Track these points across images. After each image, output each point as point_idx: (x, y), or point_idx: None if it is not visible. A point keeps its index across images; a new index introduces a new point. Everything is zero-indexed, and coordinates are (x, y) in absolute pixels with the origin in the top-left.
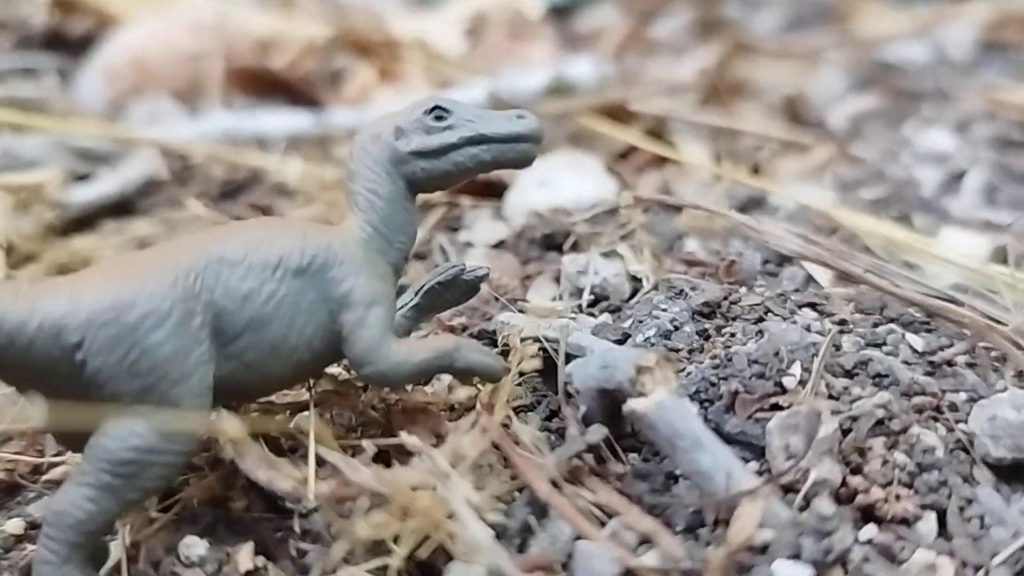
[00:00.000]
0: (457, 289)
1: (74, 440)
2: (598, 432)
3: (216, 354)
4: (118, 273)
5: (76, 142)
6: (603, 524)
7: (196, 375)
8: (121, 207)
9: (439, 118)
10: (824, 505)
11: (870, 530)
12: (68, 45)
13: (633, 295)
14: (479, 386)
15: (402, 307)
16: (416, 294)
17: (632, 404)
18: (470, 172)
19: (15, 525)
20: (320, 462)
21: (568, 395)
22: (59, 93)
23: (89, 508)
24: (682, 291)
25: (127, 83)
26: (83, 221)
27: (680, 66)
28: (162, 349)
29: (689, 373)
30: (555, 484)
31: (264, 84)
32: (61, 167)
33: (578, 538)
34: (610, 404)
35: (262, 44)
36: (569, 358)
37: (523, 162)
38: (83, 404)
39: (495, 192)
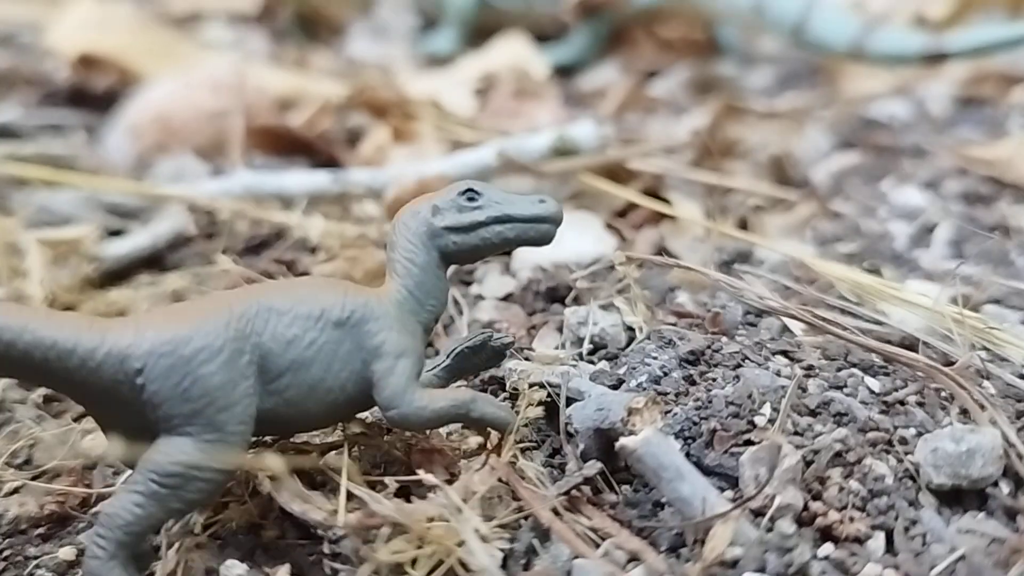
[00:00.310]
0: (485, 354)
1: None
2: (593, 467)
3: (260, 389)
4: (178, 314)
5: (107, 198)
6: (598, 545)
7: (240, 405)
8: (153, 261)
9: (471, 199)
10: (786, 526)
11: (827, 548)
12: (92, 101)
13: (628, 344)
14: (489, 433)
15: (434, 368)
16: (447, 356)
17: (623, 441)
18: (496, 247)
19: (67, 552)
20: (349, 495)
21: (568, 434)
22: (87, 149)
23: (137, 512)
24: (671, 340)
25: (152, 140)
26: (118, 274)
27: (676, 125)
28: (212, 379)
29: (675, 414)
30: (556, 512)
31: (283, 142)
32: (95, 222)
33: (575, 557)
34: (605, 442)
35: (280, 103)
36: (569, 401)
37: (543, 240)
38: (138, 424)
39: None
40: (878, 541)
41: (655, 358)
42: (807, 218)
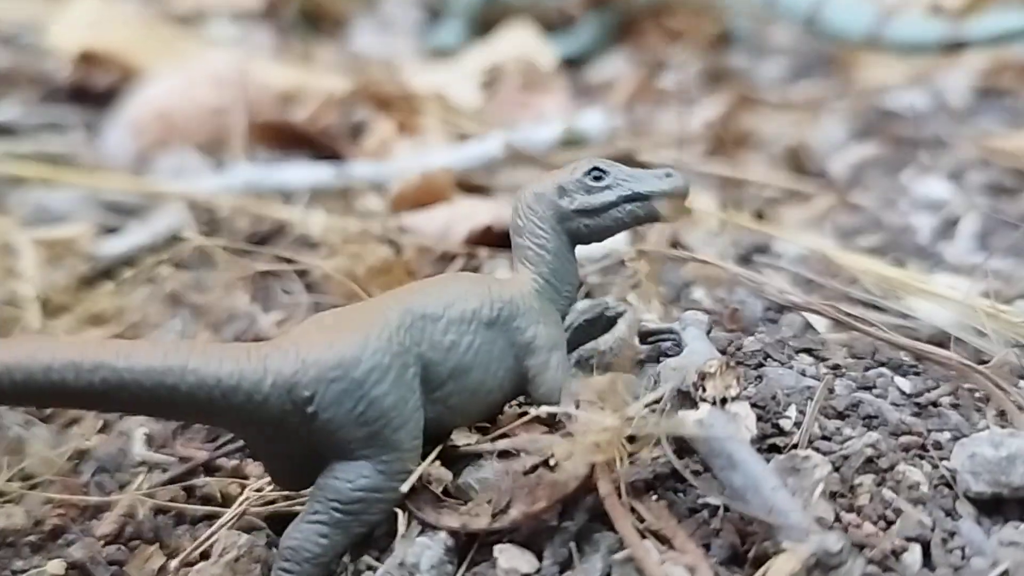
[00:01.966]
0: (600, 324)
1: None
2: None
3: (425, 400)
4: (336, 331)
5: (105, 195)
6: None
7: (413, 420)
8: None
9: (597, 178)
10: (832, 542)
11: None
12: (92, 98)
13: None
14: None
15: None
16: (565, 330)
17: (679, 417)
18: (626, 226)
19: (56, 566)
20: None
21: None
22: (86, 147)
23: (323, 543)
24: None
25: (152, 136)
26: (113, 273)
27: (688, 117)
28: (386, 400)
29: None
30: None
31: (286, 137)
32: (91, 220)
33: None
34: (687, 405)
35: (283, 97)
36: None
37: (673, 216)
38: (303, 452)
39: (508, 242)
40: (914, 555)
41: (671, 356)
42: (826, 210)
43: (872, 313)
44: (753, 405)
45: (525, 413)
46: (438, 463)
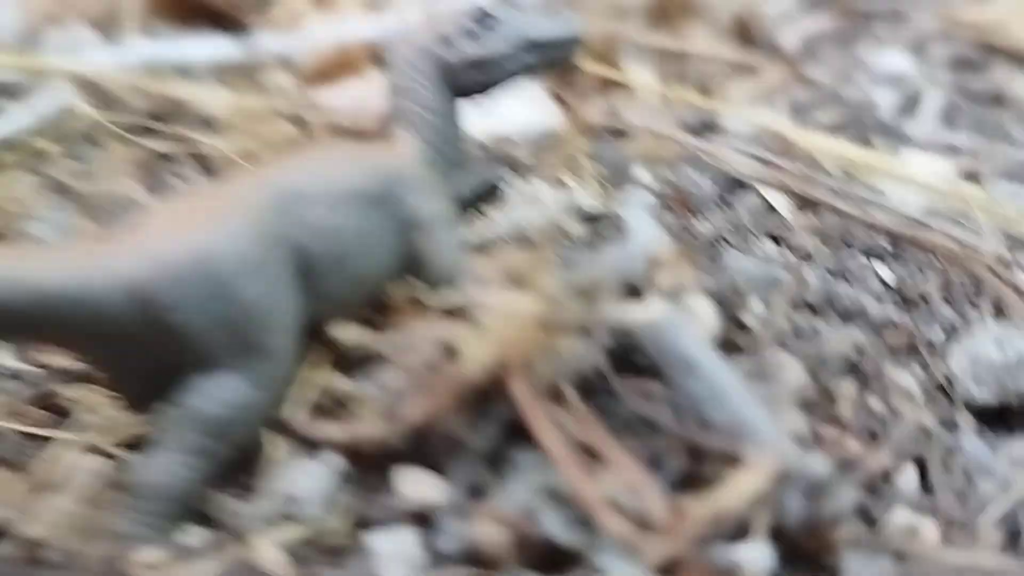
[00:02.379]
0: (486, 195)
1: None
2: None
3: (300, 294)
4: (191, 222)
5: None
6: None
7: (286, 320)
8: None
9: (485, 24)
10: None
11: None
12: None
13: None
14: None
15: None
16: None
17: (626, 315)
18: (517, 76)
19: None
20: None
21: None
22: None
23: (186, 474)
24: None
25: (41, 10)
26: None
27: None
28: (254, 298)
29: None
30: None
31: (187, 9)
32: None
33: None
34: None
35: None
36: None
37: (565, 63)
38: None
39: None
40: (909, 476)
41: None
42: (777, 85)
43: (837, 198)
44: (711, 298)
45: (417, 300)
46: (328, 368)
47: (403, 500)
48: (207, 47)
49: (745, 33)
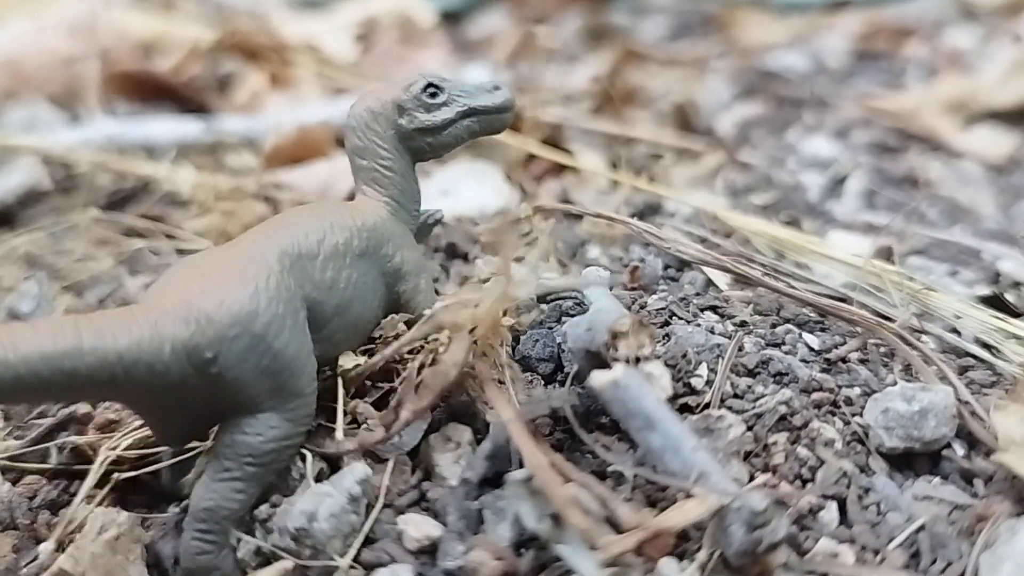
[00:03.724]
0: (421, 233)
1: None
2: (561, 398)
3: (315, 340)
4: (220, 285)
5: None
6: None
7: (310, 363)
8: (0, 218)
9: (434, 95)
10: (757, 501)
11: None
12: None
13: (543, 300)
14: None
15: None
16: None
17: (591, 380)
18: (463, 142)
19: None
20: None
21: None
22: None
23: (240, 498)
24: None
25: (0, 87)
26: None
27: (572, 74)
28: (288, 349)
29: None
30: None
31: (148, 89)
32: None
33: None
34: (597, 365)
35: (143, 47)
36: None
37: (502, 129)
38: (199, 411)
39: None
40: (831, 512)
41: (573, 315)
42: (715, 168)
43: (769, 273)
44: (665, 364)
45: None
46: (360, 402)
47: (410, 538)
48: (170, 127)
49: (684, 120)
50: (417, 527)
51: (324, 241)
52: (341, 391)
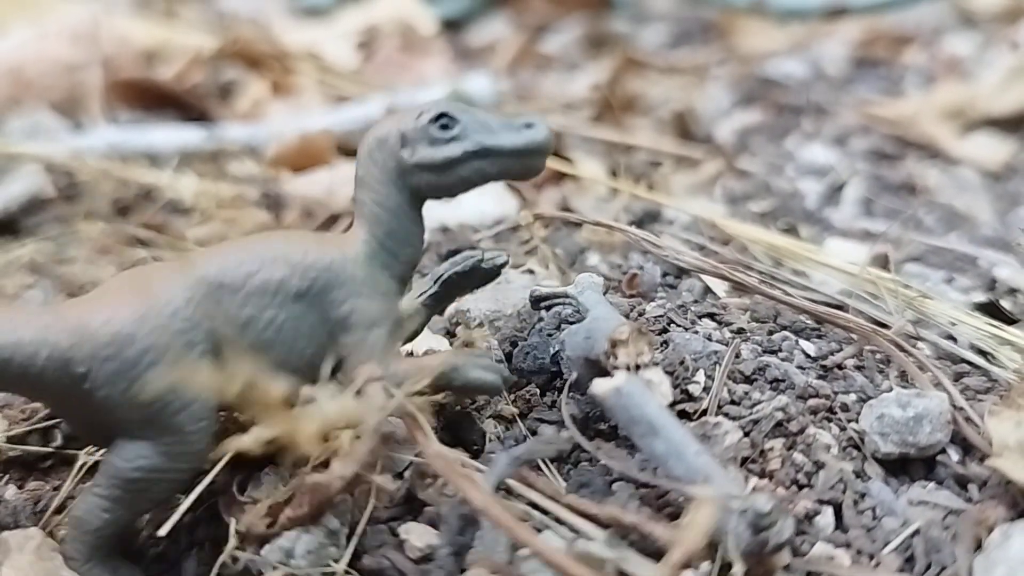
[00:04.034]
0: (476, 276)
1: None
2: (565, 441)
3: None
4: (120, 301)
5: None
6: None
7: (197, 402)
8: (5, 226)
9: (444, 127)
10: (762, 503)
11: None
12: None
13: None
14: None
15: (421, 294)
16: (435, 282)
17: (593, 388)
18: (475, 185)
19: None
20: None
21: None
22: None
23: (104, 516)
24: None
25: (3, 94)
26: None
27: (573, 81)
28: (161, 382)
29: None
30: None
31: (150, 97)
32: None
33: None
34: (596, 372)
35: (146, 55)
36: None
37: (529, 175)
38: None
39: None
40: (827, 517)
41: (573, 323)
42: (714, 176)
43: (767, 280)
44: (662, 371)
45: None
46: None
47: (411, 546)
48: (172, 135)
49: (683, 127)
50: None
51: (255, 275)
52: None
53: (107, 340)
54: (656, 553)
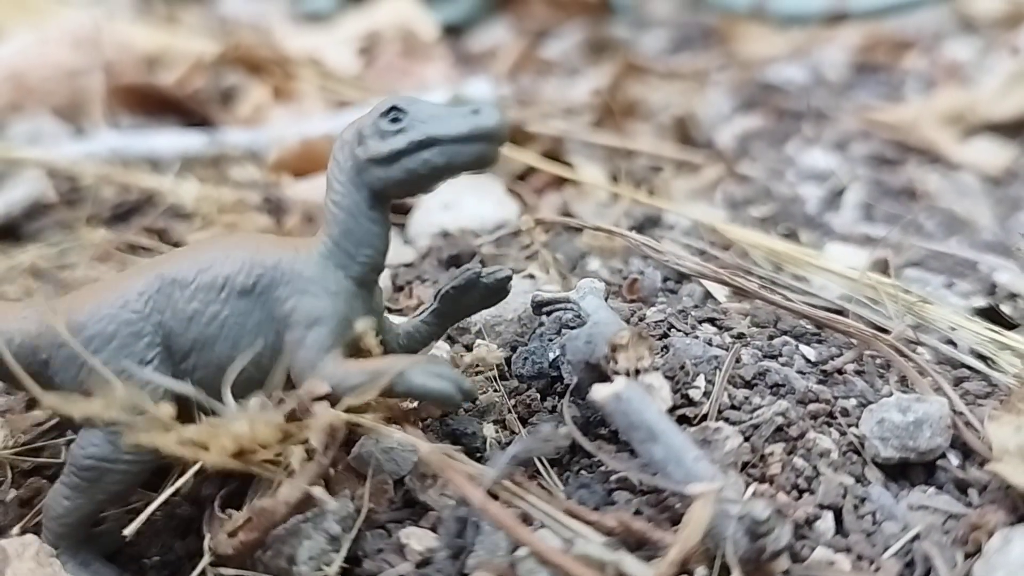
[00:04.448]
0: (478, 292)
1: None
2: (562, 437)
3: (171, 371)
4: (88, 293)
5: None
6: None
7: (147, 392)
8: (7, 231)
9: (395, 120)
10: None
11: None
12: None
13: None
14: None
15: (421, 313)
16: (435, 299)
17: (592, 394)
18: (427, 179)
19: None
20: None
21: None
22: None
23: (65, 504)
24: None
25: (4, 100)
26: None
27: (573, 87)
28: (114, 374)
29: None
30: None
31: (152, 102)
32: None
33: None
34: (597, 378)
35: (147, 60)
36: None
37: (479, 164)
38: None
39: (401, 209)
40: (827, 522)
41: (574, 328)
42: (715, 181)
43: (767, 285)
44: (662, 376)
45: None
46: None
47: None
48: (174, 140)
49: (684, 132)
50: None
51: (205, 271)
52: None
53: (66, 328)
54: (653, 556)
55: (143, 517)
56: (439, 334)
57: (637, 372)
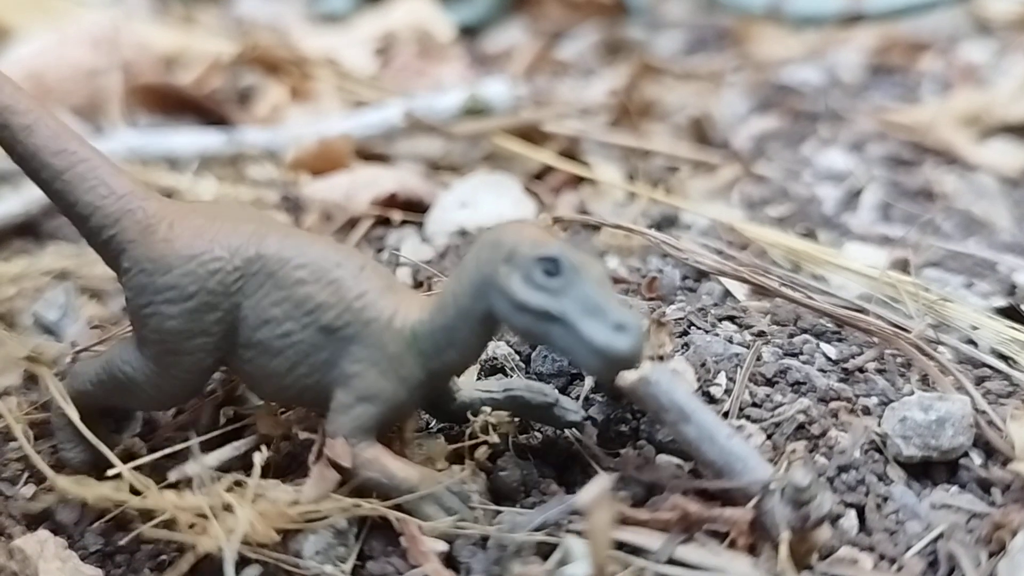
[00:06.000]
0: (538, 414)
1: None
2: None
3: (229, 347)
4: (196, 229)
5: None
6: None
7: (192, 356)
8: (26, 229)
9: (548, 272)
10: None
11: None
12: None
13: None
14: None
15: (485, 389)
16: (503, 391)
17: (620, 380)
18: (539, 341)
19: None
20: None
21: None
22: None
23: (88, 387)
24: None
25: None
26: None
27: (589, 87)
28: (168, 322)
29: None
30: None
31: (170, 101)
32: None
33: None
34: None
35: (165, 60)
36: None
37: (591, 374)
38: None
39: (416, 208)
40: (850, 520)
41: None
42: (731, 181)
43: (786, 284)
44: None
45: None
46: None
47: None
48: (192, 139)
49: (700, 133)
50: None
51: (303, 284)
52: None
53: (152, 255)
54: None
55: None
56: (479, 409)
57: (660, 358)
